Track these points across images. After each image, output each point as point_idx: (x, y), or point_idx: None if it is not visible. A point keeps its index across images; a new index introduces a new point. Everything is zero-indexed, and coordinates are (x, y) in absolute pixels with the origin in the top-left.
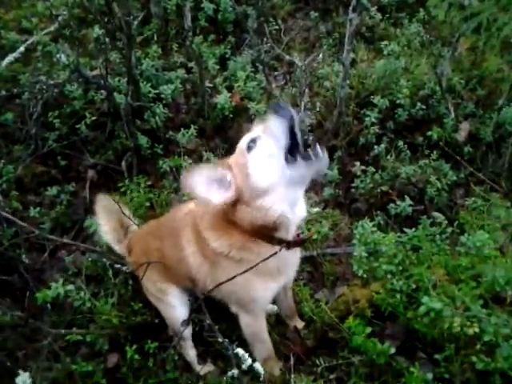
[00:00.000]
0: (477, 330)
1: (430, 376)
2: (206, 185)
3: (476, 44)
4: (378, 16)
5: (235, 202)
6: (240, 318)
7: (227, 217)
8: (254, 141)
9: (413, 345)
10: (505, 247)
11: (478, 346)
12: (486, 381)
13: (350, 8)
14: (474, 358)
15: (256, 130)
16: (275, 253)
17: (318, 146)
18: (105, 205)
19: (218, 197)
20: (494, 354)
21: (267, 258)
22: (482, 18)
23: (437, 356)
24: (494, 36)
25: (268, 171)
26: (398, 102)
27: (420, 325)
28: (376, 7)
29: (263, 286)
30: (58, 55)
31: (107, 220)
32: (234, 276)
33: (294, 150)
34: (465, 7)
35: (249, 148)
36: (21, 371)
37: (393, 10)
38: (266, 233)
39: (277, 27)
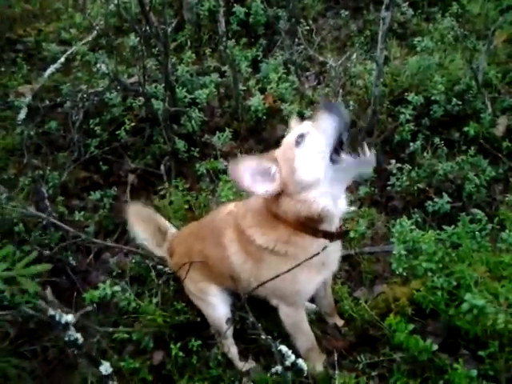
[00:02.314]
0: None
1: (474, 373)
2: (251, 176)
3: None
4: (410, 12)
5: (278, 195)
6: (280, 309)
7: (271, 211)
8: (302, 136)
9: (455, 342)
10: None
11: None
12: None
13: (383, 7)
14: None
15: (304, 125)
16: (325, 247)
17: (366, 147)
18: (137, 213)
19: (263, 188)
20: None
21: (316, 255)
22: None
23: (481, 353)
24: None
25: (314, 166)
26: (432, 98)
27: (462, 322)
28: (408, 3)
29: (308, 278)
30: (97, 65)
31: (143, 228)
32: (284, 272)
33: (340, 149)
34: None
35: (297, 143)
36: (103, 361)
37: (425, 4)
38: (311, 225)
39: (308, 28)
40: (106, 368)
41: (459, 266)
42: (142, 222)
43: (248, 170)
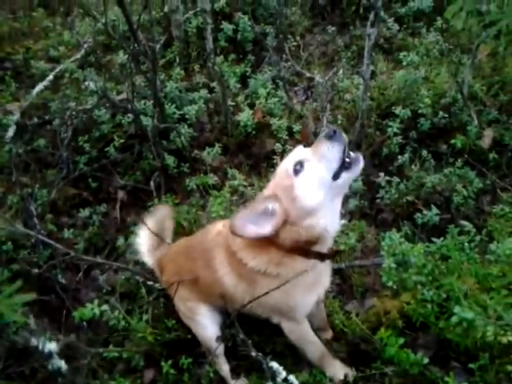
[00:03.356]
0: (511, 338)
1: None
2: (253, 223)
3: (496, 50)
4: (396, 27)
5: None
6: (283, 326)
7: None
8: (301, 164)
9: (446, 354)
10: None
11: None
12: None
13: (369, 23)
14: (509, 367)
15: (300, 152)
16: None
17: (351, 153)
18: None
19: (268, 227)
20: None
21: (304, 272)
22: (502, 25)
23: (471, 365)
24: None
25: (317, 192)
26: (419, 111)
27: (452, 334)
28: (393, 18)
29: (302, 295)
30: (86, 82)
31: (153, 223)
32: (273, 289)
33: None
34: (483, 14)
35: (296, 171)
36: None
37: (410, 20)
38: (305, 248)
39: (295, 43)
40: None
41: (448, 279)
42: (155, 219)
43: (247, 221)
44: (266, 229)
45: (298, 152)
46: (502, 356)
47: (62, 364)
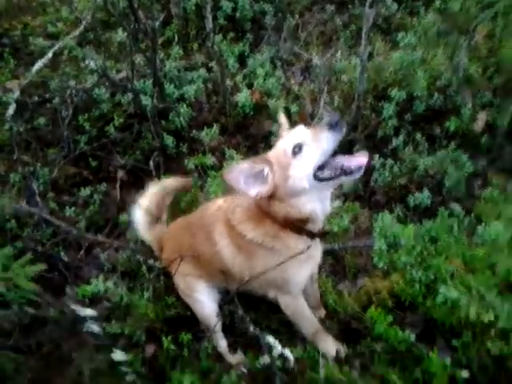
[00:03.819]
0: (492, 317)
1: (448, 361)
2: (244, 179)
3: (493, 31)
4: (395, 6)
5: (270, 196)
6: (280, 300)
7: (261, 209)
8: (300, 146)
9: (432, 332)
10: None
11: (493, 332)
12: (501, 365)
13: (367, 4)
14: (489, 344)
15: (301, 133)
16: (309, 246)
17: (363, 156)
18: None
19: (255, 190)
20: (508, 339)
21: (301, 253)
22: (499, 7)
23: (455, 342)
24: (511, 23)
25: (308, 178)
26: (415, 94)
27: (438, 313)
28: None
29: (296, 268)
30: (86, 61)
31: (150, 197)
32: (277, 264)
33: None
34: None
35: (294, 152)
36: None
37: None
38: (297, 224)
39: (294, 22)
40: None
41: (436, 260)
42: (153, 192)
43: (242, 174)
44: (251, 190)
45: (299, 133)
46: (483, 334)
47: (95, 327)
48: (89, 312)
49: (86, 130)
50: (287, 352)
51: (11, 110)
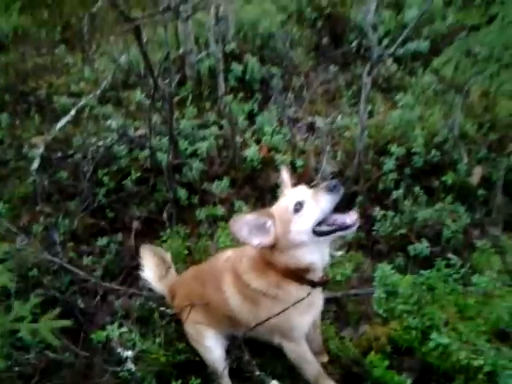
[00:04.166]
0: (481, 362)
1: None
2: (248, 229)
3: (488, 90)
4: (394, 67)
5: (271, 247)
6: (284, 346)
7: (264, 259)
8: (301, 204)
9: (428, 377)
10: None
11: (481, 376)
12: None
13: (364, 73)
14: None
15: (302, 192)
16: (309, 293)
17: (354, 214)
18: (149, 249)
19: (258, 240)
20: (495, 382)
21: (302, 299)
22: (493, 67)
23: None
24: (507, 81)
25: (307, 233)
26: (413, 149)
27: (433, 358)
28: (392, 58)
29: (299, 316)
30: (108, 121)
31: (150, 258)
32: (276, 314)
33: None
34: (476, 55)
35: (296, 210)
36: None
37: (408, 60)
38: (297, 274)
39: (300, 82)
40: None
41: (431, 308)
42: (150, 254)
43: (246, 224)
44: (254, 240)
45: (300, 192)
46: (474, 378)
47: (133, 367)
48: (129, 353)
49: (105, 184)
50: None
51: (36, 164)
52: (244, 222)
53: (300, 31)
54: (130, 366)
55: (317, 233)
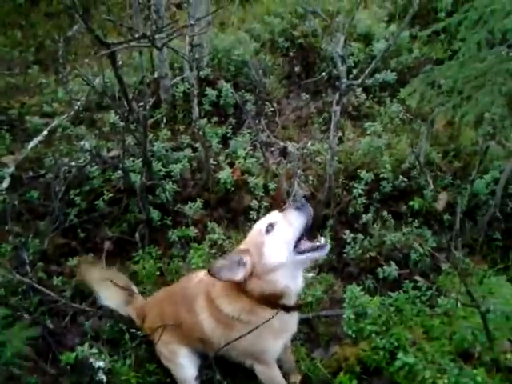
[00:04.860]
0: (446, 381)
1: None
2: (228, 270)
3: (452, 120)
4: (363, 96)
5: (249, 276)
6: (255, 368)
7: (238, 285)
8: (272, 225)
9: None
10: None
11: None
12: None
13: (334, 102)
14: None
15: (274, 215)
16: (274, 315)
17: (323, 238)
18: (98, 273)
19: (239, 275)
20: None
21: (268, 320)
22: (456, 99)
23: None
24: (469, 112)
25: (280, 253)
26: (381, 175)
27: (400, 378)
28: (361, 88)
29: (272, 340)
30: (81, 142)
31: (106, 288)
32: (245, 334)
33: (300, 239)
34: (441, 86)
35: (267, 230)
36: None
37: (376, 89)
38: (272, 300)
39: (272, 109)
40: None
41: (398, 329)
42: (105, 286)
43: (224, 267)
44: (237, 275)
45: (272, 215)
46: None
47: (105, 378)
48: (101, 364)
49: (77, 204)
50: None
51: (5, 184)
52: (221, 266)
53: (273, 59)
54: (102, 376)
55: (298, 251)
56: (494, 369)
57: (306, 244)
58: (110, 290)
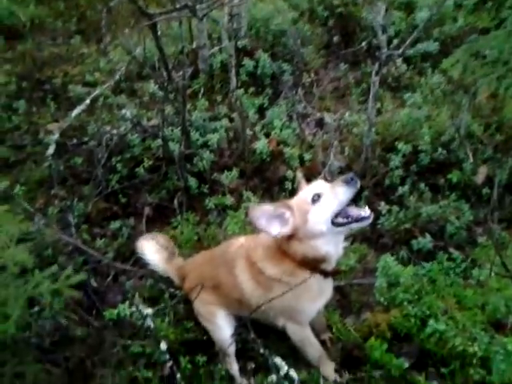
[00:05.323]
0: (476, 348)
1: None
2: (267, 219)
3: (496, 92)
4: (404, 67)
5: (290, 237)
6: (288, 328)
7: (280, 248)
8: (319, 195)
9: (425, 362)
10: None
11: (475, 361)
12: None
13: (373, 72)
14: (471, 371)
15: (320, 185)
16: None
17: (367, 208)
18: (149, 238)
19: (276, 230)
20: (487, 367)
21: (306, 280)
22: (501, 70)
23: (443, 370)
24: None
25: (323, 223)
26: (420, 147)
27: (430, 344)
28: (402, 58)
29: (309, 302)
30: (122, 110)
31: (151, 245)
32: (286, 292)
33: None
34: (485, 57)
35: (313, 200)
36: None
37: (417, 60)
38: (313, 264)
39: (310, 79)
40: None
41: (431, 298)
42: (152, 242)
43: (264, 214)
44: (273, 230)
45: (318, 185)
46: (470, 364)
47: (152, 324)
48: (149, 311)
49: (118, 170)
50: (292, 372)
51: (51, 150)
52: (263, 212)
53: (311, 29)
54: (150, 323)
55: (335, 224)
56: None
57: (351, 210)
58: (153, 247)
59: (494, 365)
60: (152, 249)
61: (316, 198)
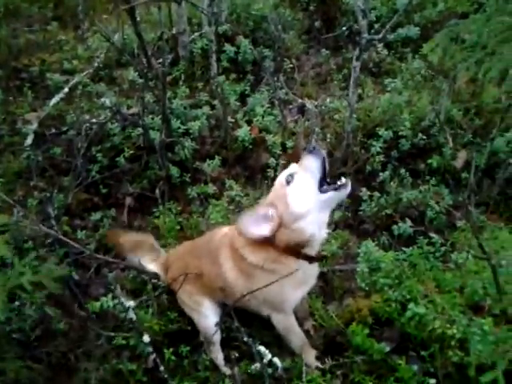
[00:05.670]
0: (455, 330)
1: (415, 367)
2: (254, 224)
3: (475, 76)
4: (385, 52)
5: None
6: (272, 317)
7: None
8: (291, 175)
9: (406, 345)
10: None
11: (453, 343)
12: (463, 373)
13: (354, 57)
14: (450, 352)
15: (292, 167)
16: (297, 270)
17: (343, 178)
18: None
19: (267, 229)
20: (466, 349)
21: (292, 273)
22: (480, 54)
23: (423, 353)
24: (492, 68)
25: (304, 199)
26: (400, 133)
27: (411, 328)
28: (383, 44)
29: (292, 290)
30: (102, 99)
31: (137, 248)
32: (271, 283)
33: (322, 182)
34: (465, 41)
35: (287, 182)
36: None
37: (398, 45)
38: (296, 249)
39: (291, 65)
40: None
41: (411, 282)
42: (135, 244)
43: (250, 220)
44: (265, 230)
45: (291, 167)
46: (449, 346)
47: (134, 316)
48: (131, 303)
49: (98, 160)
50: (276, 360)
51: (29, 140)
52: (248, 220)
53: (292, 14)
54: (132, 315)
55: (323, 190)
56: (503, 321)
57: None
58: (138, 252)
59: (471, 346)
60: (135, 255)
61: (290, 179)
